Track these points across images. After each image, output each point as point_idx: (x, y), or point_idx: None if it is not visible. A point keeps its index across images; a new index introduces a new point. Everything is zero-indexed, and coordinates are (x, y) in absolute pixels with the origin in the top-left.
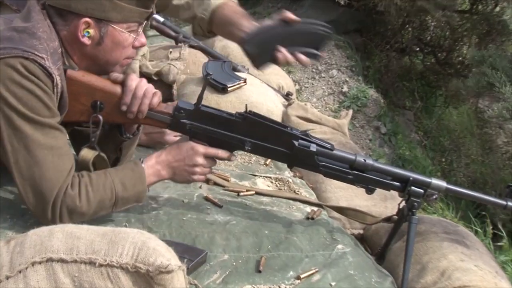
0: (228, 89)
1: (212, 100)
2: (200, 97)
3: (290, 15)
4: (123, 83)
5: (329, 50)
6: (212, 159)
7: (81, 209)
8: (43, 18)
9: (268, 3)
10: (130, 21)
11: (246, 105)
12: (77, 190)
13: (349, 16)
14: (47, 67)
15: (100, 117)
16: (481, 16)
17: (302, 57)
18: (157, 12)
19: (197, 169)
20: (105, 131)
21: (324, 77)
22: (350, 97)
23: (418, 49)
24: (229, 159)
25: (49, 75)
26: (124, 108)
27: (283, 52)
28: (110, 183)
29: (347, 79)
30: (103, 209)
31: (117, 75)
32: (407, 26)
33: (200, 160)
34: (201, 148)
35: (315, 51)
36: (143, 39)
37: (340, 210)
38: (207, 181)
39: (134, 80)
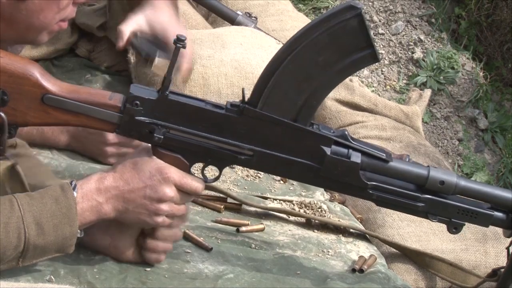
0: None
1: (196, 72)
2: (168, 78)
3: None
4: None
5: None
6: (188, 193)
7: None
8: None
9: None
10: None
11: (243, 89)
12: None
13: None
14: None
15: (3, 116)
16: None
17: None
18: None
19: (164, 207)
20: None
21: (382, 33)
22: (426, 67)
23: None
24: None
25: None
26: None
27: None
28: (17, 222)
29: (422, 37)
30: (1, 262)
31: None
32: None
33: (171, 192)
34: (175, 173)
35: None
36: None
37: (414, 254)
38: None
39: None
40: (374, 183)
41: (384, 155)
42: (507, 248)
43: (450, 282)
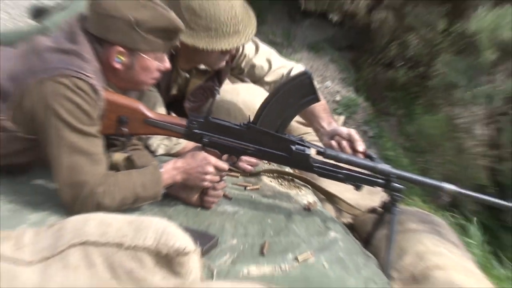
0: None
1: (223, 108)
2: (210, 110)
3: None
4: None
5: (324, 64)
6: (219, 170)
7: (105, 205)
8: (87, 42)
9: (272, 24)
10: (157, 51)
11: (249, 116)
12: (104, 189)
13: (342, 34)
14: (94, 85)
15: (125, 130)
16: (455, 35)
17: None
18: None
19: (207, 177)
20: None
21: (319, 87)
22: (342, 104)
23: (401, 64)
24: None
25: (95, 91)
26: None
27: None
28: (132, 185)
29: (340, 89)
30: (124, 206)
31: None
32: (392, 44)
33: (211, 169)
34: (213, 160)
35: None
36: (167, 64)
37: (330, 196)
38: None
39: None
40: (317, 164)
41: (323, 149)
42: (383, 202)
43: (345, 211)
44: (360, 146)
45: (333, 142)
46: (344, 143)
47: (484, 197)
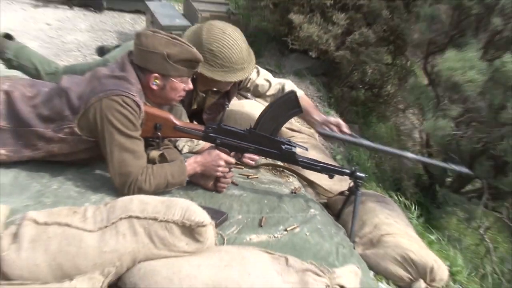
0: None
1: (232, 118)
2: (221, 119)
3: None
4: None
5: (305, 86)
6: (228, 163)
7: (145, 189)
8: (133, 70)
9: (267, 57)
10: (183, 76)
11: (250, 123)
12: (144, 177)
13: (318, 65)
14: (137, 101)
15: (159, 134)
16: (398, 67)
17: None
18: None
19: (220, 168)
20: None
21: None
22: None
23: (361, 86)
24: (239, 162)
25: (138, 106)
26: None
27: None
28: (164, 174)
29: (317, 104)
30: (159, 189)
31: None
32: (354, 72)
33: (222, 163)
34: (223, 156)
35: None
36: (190, 85)
37: (309, 181)
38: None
39: None
40: (301, 159)
41: (305, 148)
42: (349, 184)
43: (321, 193)
44: (347, 129)
45: (326, 128)
46: (334, 128)
47: (433, 161)
